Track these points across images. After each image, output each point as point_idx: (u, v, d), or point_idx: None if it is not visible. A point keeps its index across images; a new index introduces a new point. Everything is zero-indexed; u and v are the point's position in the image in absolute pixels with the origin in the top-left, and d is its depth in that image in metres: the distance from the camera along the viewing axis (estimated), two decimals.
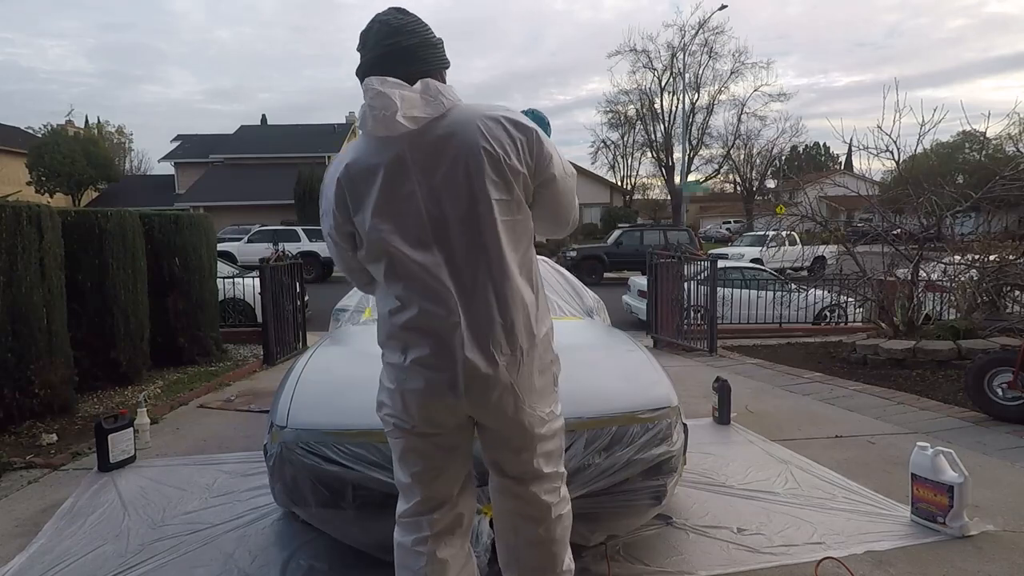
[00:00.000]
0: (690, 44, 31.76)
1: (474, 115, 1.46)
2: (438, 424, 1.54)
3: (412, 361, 1.48)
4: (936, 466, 2.68)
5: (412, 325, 1.47)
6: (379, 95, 1.42)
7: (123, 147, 43.41)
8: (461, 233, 1.45)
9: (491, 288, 1.46)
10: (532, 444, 1.58)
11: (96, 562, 2.54)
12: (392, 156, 1.45)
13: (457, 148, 1.43)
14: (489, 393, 1.48)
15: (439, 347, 1.46)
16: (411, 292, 1.47)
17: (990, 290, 6.54)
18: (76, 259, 4.92)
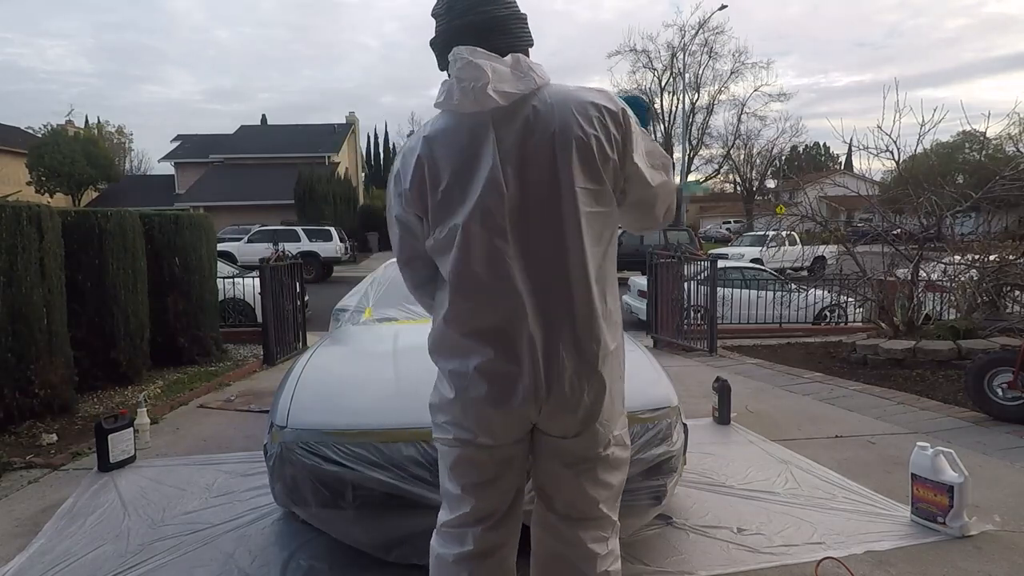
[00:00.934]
0: (690, 44, 31.86)
1: (567, 96, 1.36)
2: (499, 434, 1.43)
3: (476, 367, 1.37)
4: (936, 466, 2.68)
5: (476, 325, 1.37)
6: (470, 65, 1.32)
7: (123, 147, 43.42)
8: (541, 222, 1.34)
9: (566, 286, 1.35)
10: (594, 465, 1.46)
11: (96, 562, 2.54)
12: (478, 133, 1.35)
13: (547, 129, 1.33)
14: (563, 397, 1.37)
15: (506, 349, 1.35)
16: (479, 286, 1.36)
17: (990, 290, 6.54)
18: (76, 259, 4.92)
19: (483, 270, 1.35)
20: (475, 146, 1.35)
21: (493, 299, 1.36)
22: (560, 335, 1.36)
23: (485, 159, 1.34)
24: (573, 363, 1.36)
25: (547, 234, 1.35)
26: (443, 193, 1.37)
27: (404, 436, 2.22)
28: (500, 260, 1.34)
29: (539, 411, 1.39)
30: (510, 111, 1.34)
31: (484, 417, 1.40)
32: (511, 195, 1.34)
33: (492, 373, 1.36)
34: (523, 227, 1.35)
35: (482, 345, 1.37)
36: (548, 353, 1.35)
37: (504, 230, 1.34)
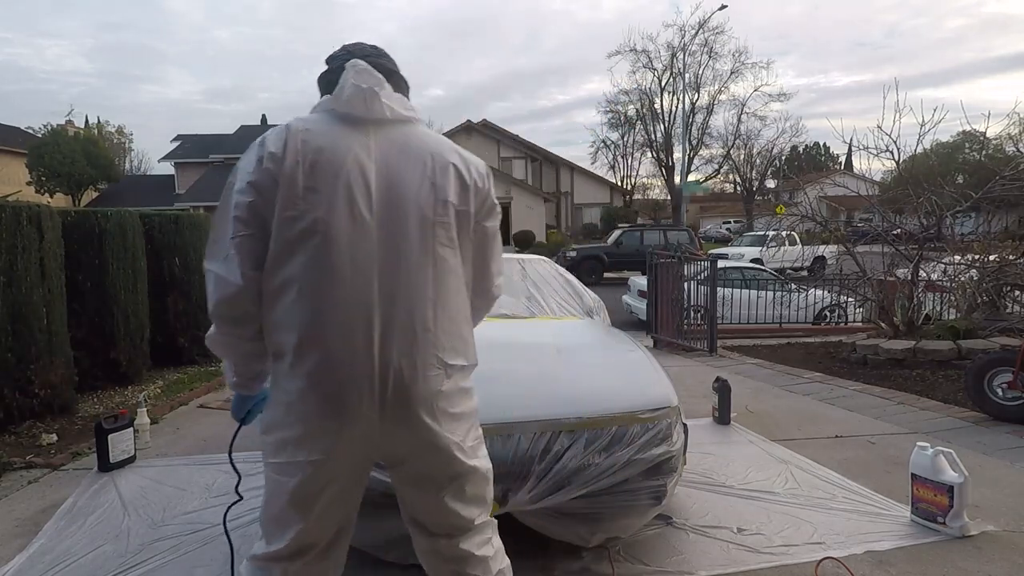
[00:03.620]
0: (690, 44, 31.83)
1: (442, 138, 1.54)
2: (331, 451, 1.37)
3: (308, 374, 1.33)
4: (936, 466, 2.68)
5: (315, 331, 1.33)
6: (367, 71, 1.43)
7: (123, 147, 43.39)
8: (398, 235, 1.38)
9: (412, 299, 1.37)
10: (455, 479, 1.47)
11: (96, 562, 2.54)
12: (359, 140, 1.40)
13: (425, 153, 1.44)
14: (403, 410, 1.36)
15: (342, 357, 1.33)
16: (323, 289, 1.33)
17: (990, 290, 6.54)
18: (76, 259, 4.92)
19: (329, 273, 1.35)
20: (357, 152, 1.38)
21: (337, 301, 1.34)
22: (404, 341, 1.36)
23: (361, 166, 1.38)
24: (420, 370, 1.38)
25: (401, 247, 1.38)
26: (307, 193, 1.35)
27: None
28: (351, 264, 1.35)
29: (381, 424, 1.37)
30: (392, 128, 1.44)
31: (316, 430, 1.37)
32: (377, 209, 1.37)
33: (326, 381, 1.35)
34: (382, 238, 1.37)
35: (316, 349, 1.34)
36: (392, 357, 1.35)
37: (364, 237, 1.35)
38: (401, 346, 1.35)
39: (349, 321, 1.33)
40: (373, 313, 1.34)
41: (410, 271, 1.38)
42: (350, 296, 1.33)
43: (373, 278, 1.35)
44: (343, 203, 1.34)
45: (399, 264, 1.37)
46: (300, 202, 1.34)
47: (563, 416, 2.30)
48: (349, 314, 1.33)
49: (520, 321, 3.68)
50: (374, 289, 1.34)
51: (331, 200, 1.34)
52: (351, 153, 1.38)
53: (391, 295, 1.35)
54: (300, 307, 1.34)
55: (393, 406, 1.36)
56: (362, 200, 1.36)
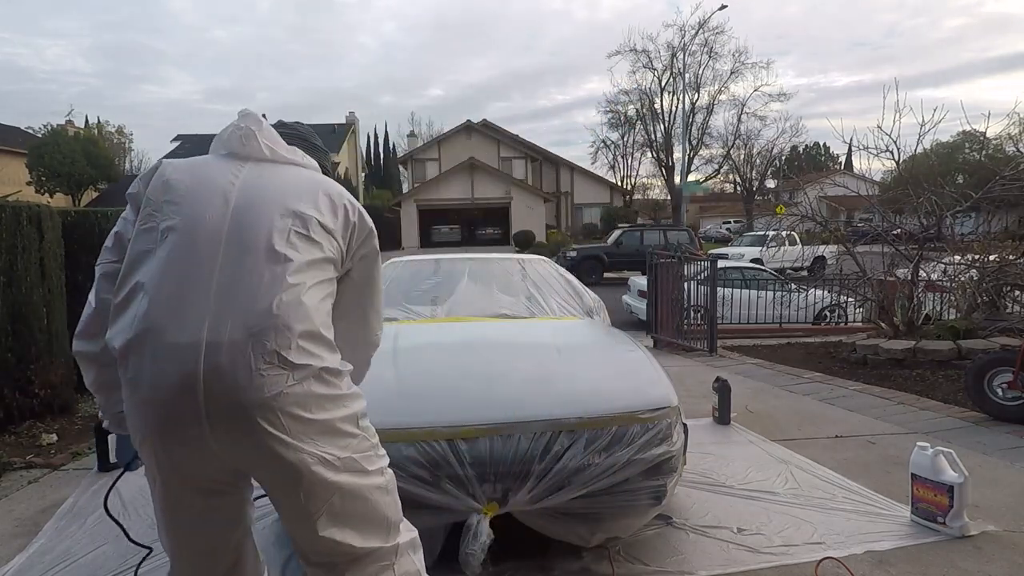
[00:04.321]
0: (690, 44, 31.84)
1: (320, 177, 1.55)
2: (160, 465, 1.32)
3: (129, 380, 1.28)
4: (936, 466, 2.68)
5: (139, 330, 1.26)
6: (250, 115, 1.55)
7: (123, 147, 43.37)
8: (246, 240, 1.34)
9: (250, 299, 1.28)
10: (317, 498, 1.33)
11: (96, 562, 2.54)
12: (230, 168, 1.45)
13: (296, 177, 1.49)
14: (233, 416, 1.25)
15: (162, 358, 1.25)
16: (158, 289, 1.29)
17: (990, 290, 6.54)
18: (76, 259, 4.92)
19: (171, 275, 1.33)
20: (215, 173, 1.43)
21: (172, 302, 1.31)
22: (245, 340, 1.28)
23: (218, 182, 1.41)
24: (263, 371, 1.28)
25: (239, 251, 1.33)
26: (163, 203, 1.38)
27: (403, 436, 2.22)
28: (193, 266, 1.32)
29: (216, 436, 1.28)
30: (264, 164, 1.49)
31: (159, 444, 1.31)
32: (230, 225, 1.35)
33: (159, 387, 1.28)
34: (224, 249, 1.33)
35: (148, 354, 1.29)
36: (225, 357, 1.27)
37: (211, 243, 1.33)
38: (232, 345, 1.24)
39: (175, 319, 1.25)
40: (205, 311, 1.26)
41: (253, 274, 1.30)
42: (183, 294, 1.27)
43: (211, 279, 1.28)
44: (194, 213, 1.35)
45: (242, 270, 1.30)
46: (155, 215, 1.37)
47: (563, 416, 2.30)
48: (177, 312, 1.26)
49: (520, 321, 3.67)
50: (210, 291, 1.27)
51: (183, 211, 1.35)
52: (216, 176, 1.42)
53: (228, 299, 1.27)
54: (133, 310, 1.29)
55: (222, 412, 1.24)
56: (215, 210, 1.35)
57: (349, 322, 1.57)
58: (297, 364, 1.28)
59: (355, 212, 1.52)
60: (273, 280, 1.30)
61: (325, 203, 1.46)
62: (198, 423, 1.24)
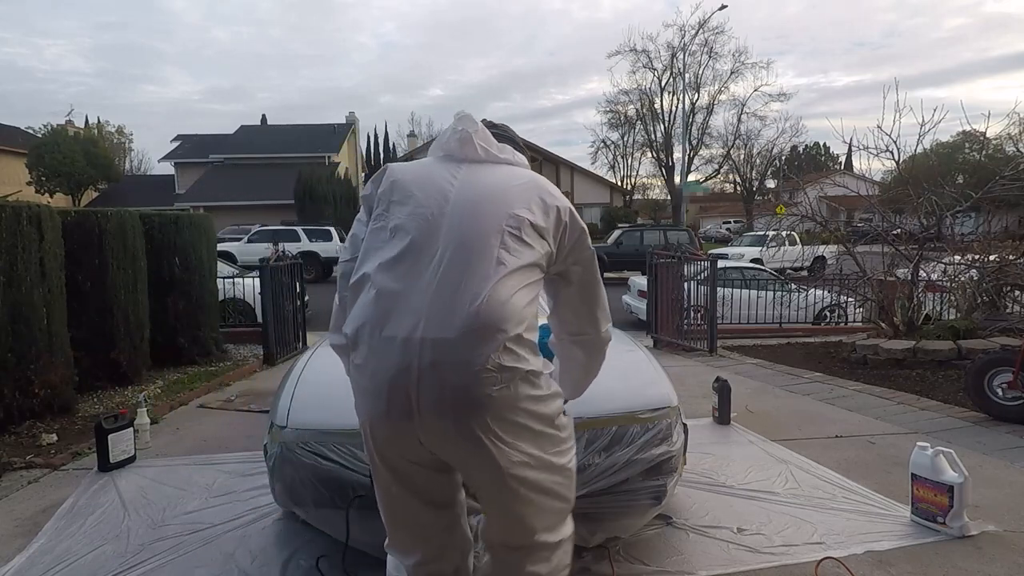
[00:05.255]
0: (690, 44, 31.82)
1: (538, 175, 1.63)
2: (378, 448, 1.46)
3: (358, 366, 1.42)
4: (936, 466, 2.68)
5: (366, 324, 1.39)
6: (467, 118, 1.61)
7: (123, 147, 43.37)
8: (465, 240, 1.42)
9: (467, 297, 1.35)
10: (513, 493, 1.42)
11: (96, 562, 2.54)
12: (448, 169, 1.56)
13: (512, 176, 1.57)
14: (443, 413, 1.34)
15: (386, 351, 1.36)
16: (383, 287, 1.41)
17: (990, 290, 6.54)
18: (76, 259, 4.92)
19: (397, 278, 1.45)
20: (434, 175, 1.55)
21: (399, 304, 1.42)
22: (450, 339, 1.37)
23: (438, 183, 1.52)
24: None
25: (459, 259, 1.41)
26: (391, 203, 1.52)
27: None
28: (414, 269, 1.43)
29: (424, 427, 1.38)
30: (480, 164, 1.58)
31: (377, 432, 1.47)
32: (449, 215, 1.46)
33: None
34: (442, 246, 1.43)
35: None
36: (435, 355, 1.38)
37: (427, 247, 1.43)
38: (447, 344, 1.32)
39: (394, 314, 1.35)
40: (421, 309, 1.35)
41: (470, 273, 1.38)
42: (403, 291, 1.38)
43: (430, 277, 1.38)
44: (417, 213, 1.47)
45: (458, 267, 1.39)
46: (384, 215, 1.51)
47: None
48: (397, 307, 1.36)
49: None
50: (428, 289, 1.37)
51: (408, 212, 1.48)
52: (436, 178, 1.54)
53: (445, 296, 1.36)
54: (361, 301, 1.43)
55: (432, 409, 1.33)
56: (436, 211, 1.46)
57: (581, 324, 1.69)
58: (506, 366, 1.34)
59: (567, 213, 1.57)
60: (488, 282, 1.37)
61: (538, 204, 1.52)
62: (409, 416, 1.34)
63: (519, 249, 1.44)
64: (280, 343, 6.95)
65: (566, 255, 1.58)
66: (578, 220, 1.60)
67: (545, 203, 1.53)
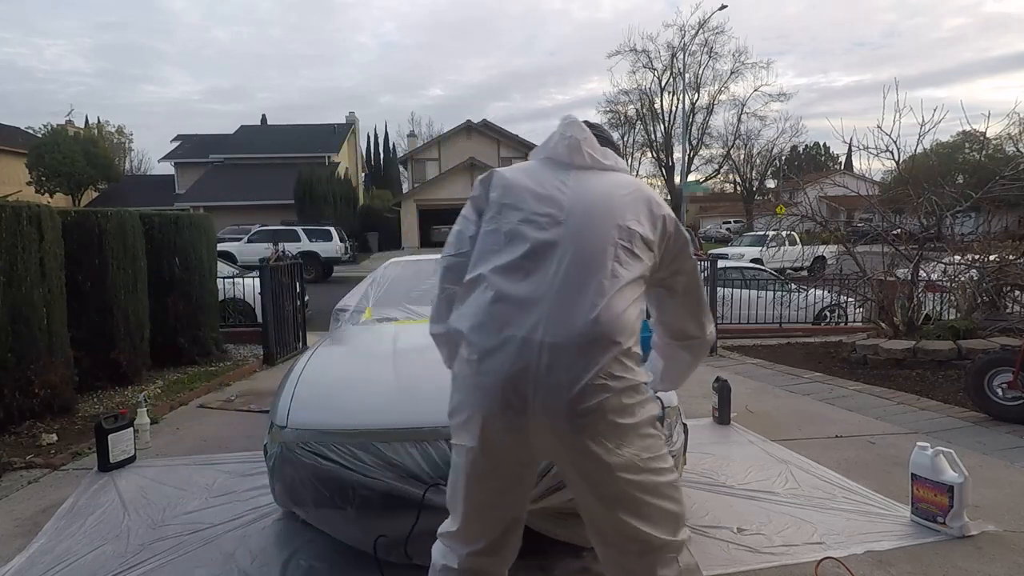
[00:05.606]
0: (690, 44, 31.84)
1: (641, 182, 1.71)
2: (485, 442, 1.47)
3: (472, 362, 1.47)
4: (936, 466, 2.68)
5: (483, 323, 1.46)
6: (575, 124, 1.67)
7: (123, 147, 43.37)
8: (581, 251, 1.48)
9: (583, 306, 1.41)
10: (621, 495, 1.45)
11: (96, 562, 2.54)
12: (557, 176, 1.60)
13: (619, 187, 1.60)
14: (554, 416, 1.39)
15: (503, 352, 1.41)
16: (499, 288, 1.47)
17: (990, 290, 6.54)
18: (76, 259, 4.92)
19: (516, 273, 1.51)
20: (544, 180, 1.60)
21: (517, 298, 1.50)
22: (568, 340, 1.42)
23: (548, 190, 1.57)
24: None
25: (577, 262, 1.47)
26: (502, 206, 1.58)
27: (403, 436, 2.22)
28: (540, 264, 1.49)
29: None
30: (587, 171, 1.62)
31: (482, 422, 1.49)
32: (564, 225, 1.52)
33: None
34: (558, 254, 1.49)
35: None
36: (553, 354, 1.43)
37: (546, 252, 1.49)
38: (564, 349, 1.37)
39: (513, 316, 1.41)
40: (540, 313, 1.40)
41: (587, 283, 1.43)
42: (522, 294, 1.43)
43: (549, 283, 1.44)
44: (532, 220, 1.52)
45: (576, 276, 1.44)
46: (497, 218, 1.57)
47: None
48: (516, 310, 1.42)
49: None
50: (546, 295, 1.42)
51: (522, 218, 1.53)
52: (548, 185, 1.58)
53: (563, 302, 1.41)
54: (476, 299, 1.49)
55: (547, 410, 1.38)
56: (550, 219, 1.51)
57: (687, 329, 1.77)
58: (617, 376, 1.40)
59: (671, 223, 1.62)
60: (604, 294, 1.42)
61: (646, 215, 1.57)
62: (523, 414, 1.39)
63: (630, 262, 1.50)
64: (280, 343, 6.95)
65: (669, 264, 1.63)
66: (682, 230, 1.65)
67: (652, 214, 1.58)
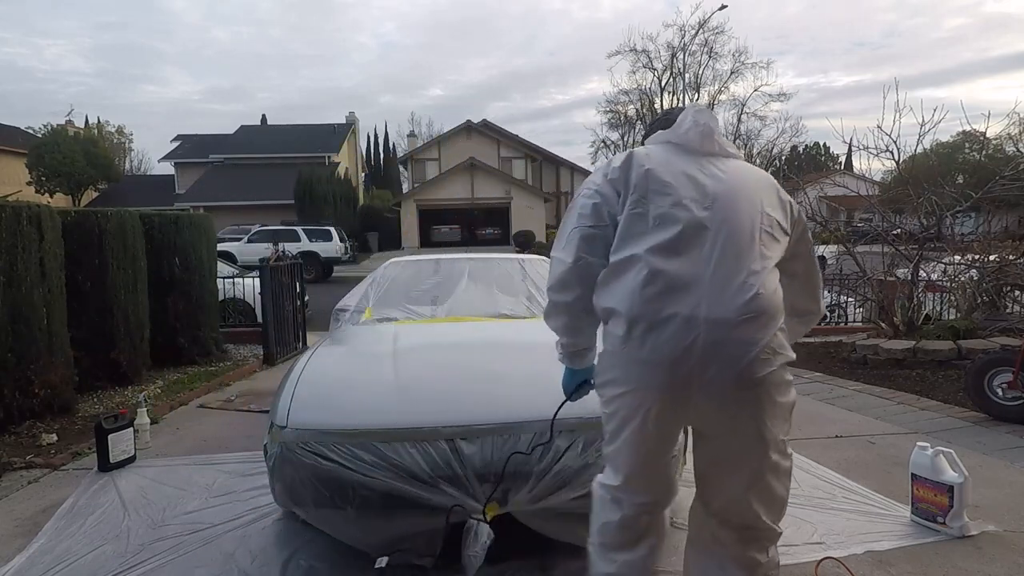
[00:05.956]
0: (690, 44, 31.83)
1: (761, 170, 1.84)
2: (650, 410, 1.58)
3: (635, 337, 1.56)
4: (936, 466, 2.68)
5: (646, 303, 1.54)
6: (705, 111, 1.75)
7: (123, 147, 43.35)
8: (730, 236, 1.59)
9: (741, 287, 1.53)
10: (760, 473, 1.58)
11: (96, 562, 2.54)
12: (693, 162, 1.68)
13: (751, 176, 1.72)
14: (721, 387, 1.52)
15: (670, 329, 1.52)
16: (658, 268, 1.56)
17: (990, 290, 6.54)
18: (76, 259, 4.92)
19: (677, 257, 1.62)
20: (684, 166, 1.67)
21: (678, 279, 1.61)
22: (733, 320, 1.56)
23: (690, 175, 1.65)
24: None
25: (728, 244, 1.58)
26: (650, 192, 1.64)
27: (404, 436, 2.22)
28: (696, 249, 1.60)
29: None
30: (716, 158, 1.72)
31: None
32: (710, 209, 1.62)
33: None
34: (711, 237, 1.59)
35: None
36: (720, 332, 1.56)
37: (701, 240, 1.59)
38: (729, 326, 1.49)
39: (674, 296, 1.51)
40: (701, 292, 1.51)
41: (740, 264, 1.55)
42: (679, 276, 1.53)
43: (705, 265, 1.54)
44: (681, 204, 1.60)
45: (730, 258, 1.55)
46: (643, 201, 1.62)
47: (563, 416, 2.30)
48: (676, 291, 1.52)
49: (520, 321, 3.68)
50: (703, 276, 1.53)
51: (671, 203, 1.60)
52: (688, 171, 1.66)
53: (721, 282, 1.52)
54: (630, 280, 1.56)
55: (713, 383, 1.49)
56: (698, 204, 1.60)
57: (807, 305, 1.89)
58: (778, 351, 1.53)
59: (796, 208, 1.78)
60: (759, 275, 1.55)
61: (779, 202, 1.72)
62: (688, 387, 1.50)
63: (772, 246, 1.64)
64: (280, 343, 6.96)
65: (793, 245, 1.74)
66: (802, 214, 1.79)
67: (781, 200, 1.73)
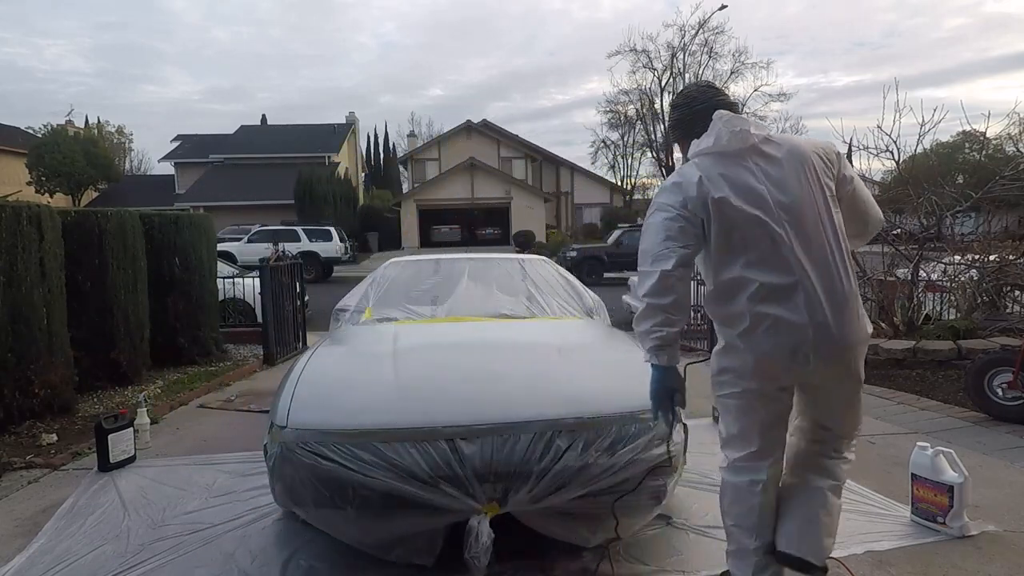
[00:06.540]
0: (690, 44, 31.84)
1: (796, 138, 2.08)
2: (768, 385, 1.97)
3: (762, 330, 1.89)
4: (936, 466, 2.68)
5: (765, 303, 1.87)
6: (734, 118, 1.96)
7: (123, 147, 43.34)
8: (804, 227, 1.89)
9: (831, 272, 1.89)
10: (855, 402, 2.07)
11: (96, 562, 2.54)
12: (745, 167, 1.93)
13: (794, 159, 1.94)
14: (833, 356, 1.91)
15: (786, 320, 1.86)
16: (766, 274, 1.88)
17: (990, 290, 6.54)
18: (76, 259, 4.92)
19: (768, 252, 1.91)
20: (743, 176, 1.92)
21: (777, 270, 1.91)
22: (831, 294, 1.91)
23: (752, 184, 1.91)
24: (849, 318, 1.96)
25: (805, 221, 1.90)
26: (731, 208, 1.90)
27: (404, 436, 2.22)
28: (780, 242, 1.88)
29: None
30: (760, 147, 1.95)
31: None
32: (776, 198, 1.90)
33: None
34: (789, 219, 1.89)
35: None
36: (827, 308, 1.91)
37: (780, 222, 1.88)
38: (831, 308, 1.85)
39: (783, 303, 1.85)
40: (806, 285, 1.85)
41: (824, 250, 1.89)
42: (781, 284, 1.86)
43: (800, 261, 1.86)
44: (756, 212, 1.87)
45: (814, 248, 1.88)
46: (726, 219, 1.88)
47: (563, 416, 2.31)
48: (782, 297, 1.85)
49: (520, 321, 3.68)
50: (805, 269, 1.85)
51: (747, 216, 1.87)
52: (746, 180, 1.91)
53: (817, 271, 1.86)
54: (742, 296, 1.89)
55: (824, 357, 1.87)
56: (772, 217, 1.87)
57: (858, 231, 2.15)
58: (861, 317, 1.95)
59: (838, 158, 2.04)
60: (840, 257, 1.91)
61: (823, 168, 1.98)
62: (806, 364, 1.88)
63: (834, 218, 1.94)
64: (280, 343, 6.96)
65: (842, 185, 2.03)
66: (843, 156, 2.05)
67: (825, 161, 1.99)
